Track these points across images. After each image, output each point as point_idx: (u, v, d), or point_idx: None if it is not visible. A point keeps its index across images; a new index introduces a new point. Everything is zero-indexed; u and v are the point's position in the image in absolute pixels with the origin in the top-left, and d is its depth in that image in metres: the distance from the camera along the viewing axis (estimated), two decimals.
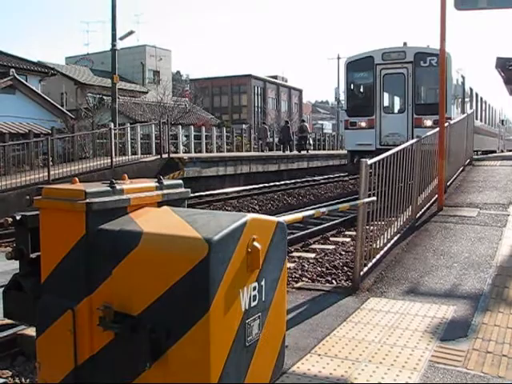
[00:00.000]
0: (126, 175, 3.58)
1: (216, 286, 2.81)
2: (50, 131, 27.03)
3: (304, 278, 8.36)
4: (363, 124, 20.88)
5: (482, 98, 29.86)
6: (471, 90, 25.63)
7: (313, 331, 5.15)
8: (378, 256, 7.24)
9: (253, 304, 3.12)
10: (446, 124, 11.43)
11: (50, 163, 19.16)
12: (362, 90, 22.22)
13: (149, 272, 2.92)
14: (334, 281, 8.25)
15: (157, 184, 3.56)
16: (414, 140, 9.57)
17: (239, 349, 3.04)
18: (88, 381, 3.19)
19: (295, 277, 8.45)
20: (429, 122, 18.59)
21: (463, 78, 22.29)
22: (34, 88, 33.75)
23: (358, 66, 21.18)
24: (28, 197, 3.43)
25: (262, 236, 3.13)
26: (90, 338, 3.15)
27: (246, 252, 3.00)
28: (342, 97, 24.77)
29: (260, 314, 3.20)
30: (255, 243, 3.03)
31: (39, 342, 3.31)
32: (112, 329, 3.01)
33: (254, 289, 3.12)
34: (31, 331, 5.68)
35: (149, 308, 2.93)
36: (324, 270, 9.05)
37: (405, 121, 20.24)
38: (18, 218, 3.36)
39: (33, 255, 3.39)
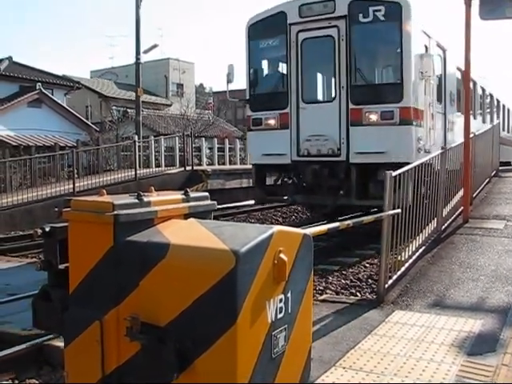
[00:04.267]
0: (152, 187, 3.61)
1: (243, 298, 2.81)
2: (75, 144, 27.32)
3: (328, 291, 8.32)
4: (272, 122, 12.83)
5: (504, 106, 26.51)
6: (483, 90, 21.09)
7: (337, 344, 5.12)
8: (402, 268, 7.18)
9: (279, 316, 3.12)
10: (471, 135, 11.21)
11: (76, 175, 19.37)
12: (270, 67, 14.05)
13: (176, 283, 2.94)
14: (358, 293, 8.19)
15: (183, 196, 3.58)
16: (439, 152, 9.47)
17: (265, 361, 3.04)
18: None
19: (319, 289, 8.41)
20: (374, 116, 11.48)
21: (443, 51, 14.22)
22: (59, 101, 34.21)
23: (265, 29, 13.04)
24: (56, 209, 3.47)
25: (288, 248, 3.13)
26: (117, 348, 3.18)
27: (272, 264, 3.00)
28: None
29: (286, 325, 3.20)
30: (281, 255, 3.04)
31: (67, 352, 3.35)
32: (139, 339, 3.03)
33: (281, 301, 3.12)
34: (57, 341, 5.74)
35: (176, 319, 2.95)
36: (348, 282, 9.00)
37: (335, 114, 12.07)
38: (46, 229, 3.41)
39: (61, 266, 3.43)
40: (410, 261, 7.54)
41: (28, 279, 8.54)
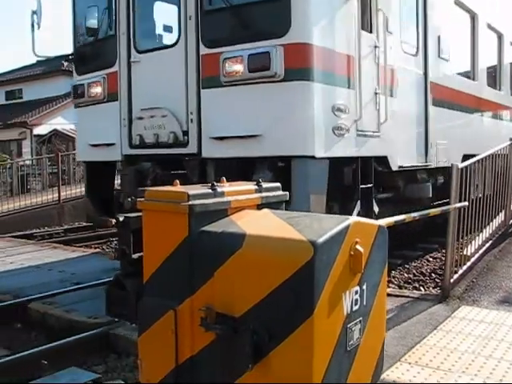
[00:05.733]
0: (224, 178, 3.60)
1: (320, 289, 2.78)
2: None
3: (391, 285, 8.20)
4: (97, 91, 8.09)
5: None
6: None
7: (402, 338, 5.03)
8: (468, 263, 7.01)
9: (354, 308, 3.07)
10: None
11: None
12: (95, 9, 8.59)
13: (252, 274, 2.93)
14: (421, 288, 8.05)
15: (256, 187, 3.57)
16: (508, 142, 9.04)
17: (341, 353, 3.00)
18: (188, 380, 3.23)
19: None
20: (237, 67, 6.31)
21: None
22: None
23: None
24: (130, 199, 3.51)
25: (364, 239, 3.08)
26: (191, 338, 3.19)
27: (348, 255, 2.96)
28: None
29: (361, 318, 3.15)
30: (358, 246, 2.99)
31: (141, 341, 3.38)
32: (214, 330, 3.04)
33: (356, 293, 3.08)
34: (122, 329, 5.84)
35: (251, 310, 2.93)
36: (411, 276, 8.86)
37: (179, 68, 6.98)
38: (121, 219, 3.44)
39: (134, 256, 3.47)
40: (477, 255, 7.35)
41: (92, 268, 8.78)
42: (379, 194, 7.66)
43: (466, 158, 9.46)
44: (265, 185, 3.63)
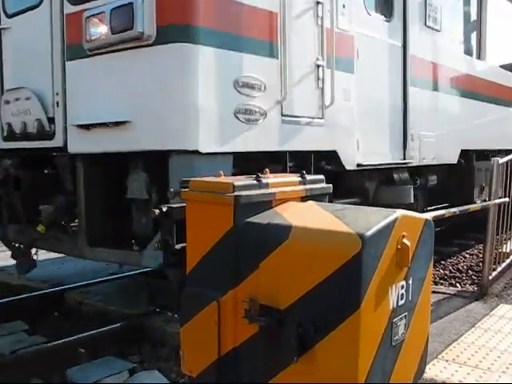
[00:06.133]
0: (267, 169, 3.58)
1: (367, 283, 2.75)
2: None
3: None
4: None
5: None
6: None
7: (439, 335, 4.97)
8: (508, 261, 6.90)
9: (400, 303, 3.03)
10: None
11: None
12: None
13: (297, 266, 2.90)
14: (458, 284, 7.95)
15: (300, 179, 3.55)
16: None
17: (386, 348, 2.96)
18: (230, 372, 3.23)
19: None
20: (101, 28, 4.68)
21: None
22: None
23: None
24: (172, 189, 3.51)
25: (411, 233, 3.03)
26: (234, 330, 3.19)
27: (395, 249, 2.92)
28: None
29: (406, 313, 3.11)
30: (405, 240, 2.95)
31: (183, 331, 3.39)
32: (258, 321, 3.02)
33: (402, 287, 3.04)
34: (157, 319, 5.88)
35: (296, 302, 2.91)
36: (447, 272, 8.75)
37: (44, 35, 5.34)
38: (164, 209, 3.44)
39: (177, 246, 3.47)
40: None
41: None
42: (336, 200, 5.52)
43: (464, 153, 8.50)
44: (309, 177, 3.61)
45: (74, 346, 5.43)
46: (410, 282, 3.10)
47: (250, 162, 4.88)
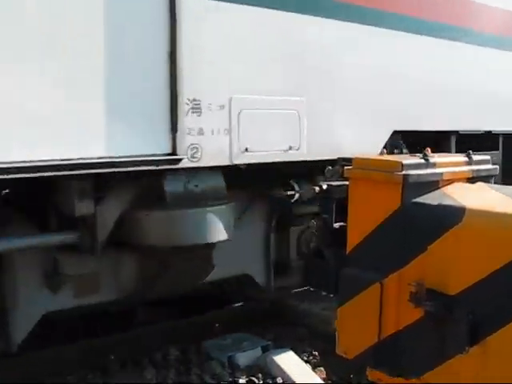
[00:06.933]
0: (429, 148, 3.42)
1: None
2: None
3: None
4: None
5: None
6: None
7: None
8: None
9: None
10: None
11: None
12: None
13: (471, 251, 2.74)
14: None
15: (466, 159, 3.36)
16: None
17: None
18: (389, 357, 3.13)
19: None
20: None
21: None
22: None
23: None
24: (330, 167, 3.44)
25: None
26: (396, 313, 3.08)
27: None
28: None
29: None
30: None
31: (340, 312, 3.33)
32: (425, 306, 2.89)
33: None
34: (291, 299, 5.86)
35: (468, 289, 2.75)
36: None
37: None
38: (324, 187, 3.38)
39: (336, 225, 3.40)
40: None
41: None
42: None
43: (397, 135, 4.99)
44: (475, 157, 3.41)
45: (209, 320, 5.52)
46: None
47: None
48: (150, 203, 3.84)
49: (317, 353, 5.12)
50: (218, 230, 3.89)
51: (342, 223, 3.39)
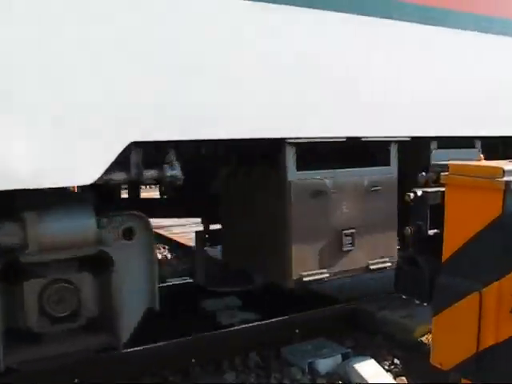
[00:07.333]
0: (481, 155, 3.31)
1: None
2: None
3: None
4: None
5: None
6: None
7: None
8: None
9: None
10: None
11: None
12: None
13: None
14: None
15: None
16: None
17: None
18: (487, 371, 3.02)
19: None
20: None
21: None
22: None
23: None
24: (424, 173, 3.37)
25: None
26: (496, 325, 2.97)
27: None
28: None
29: None
30: None
31: (436, 321, 3.24)
32: None
33: None
34: (369, 306, 5.76)
35: None
36: None
37: None
38: (418, 193, 3.31)
39: (430, 232, 3.32)
40: None
41: None
42: None
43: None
44: None
45: (288, 325, 5.47)
46: None
47: None
48: None
49: (398, 361, 5.02)
50: None
51: (436, 230, 3.30)
